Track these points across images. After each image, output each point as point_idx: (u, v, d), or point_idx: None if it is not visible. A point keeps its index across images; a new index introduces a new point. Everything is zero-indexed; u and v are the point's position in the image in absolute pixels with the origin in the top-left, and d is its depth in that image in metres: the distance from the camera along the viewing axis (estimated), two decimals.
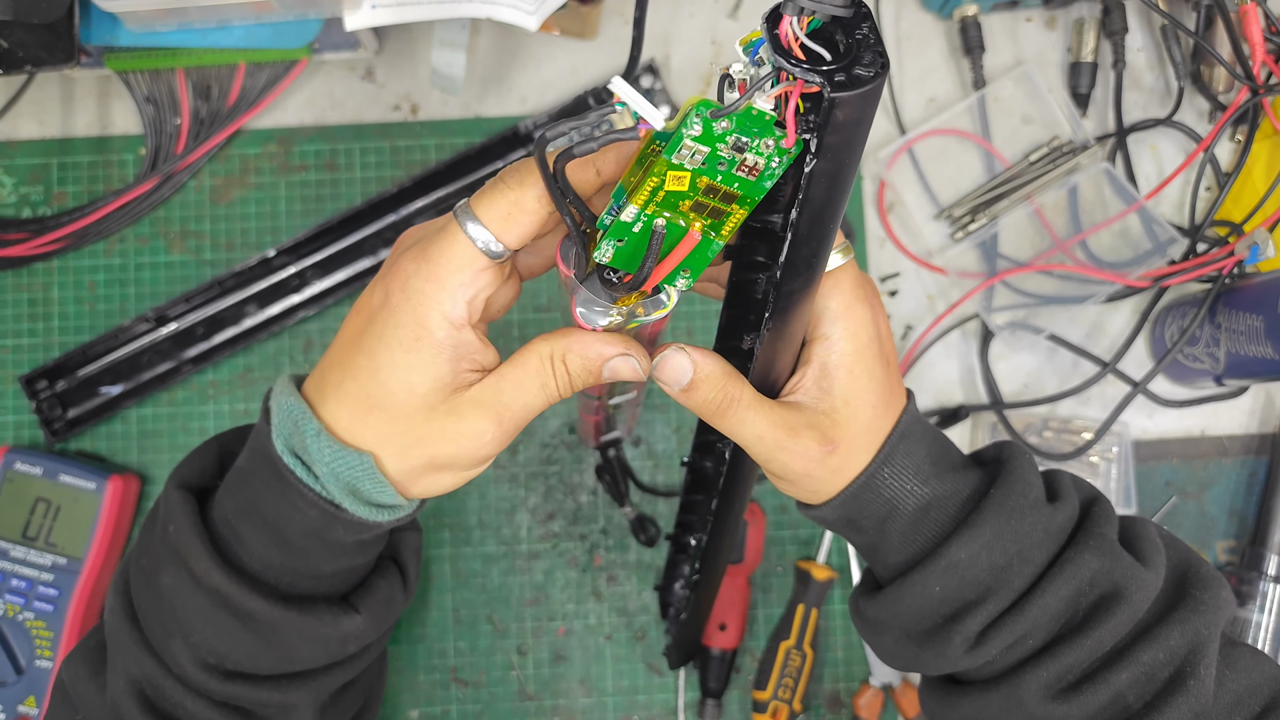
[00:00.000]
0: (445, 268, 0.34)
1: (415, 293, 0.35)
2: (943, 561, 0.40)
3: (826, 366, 0.40)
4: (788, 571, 0.72)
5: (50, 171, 0.73)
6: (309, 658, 0.41)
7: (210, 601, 0.38)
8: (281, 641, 0.39)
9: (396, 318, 0.35)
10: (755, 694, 0.70)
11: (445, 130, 0.74)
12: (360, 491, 0.37)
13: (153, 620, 0.40)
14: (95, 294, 0.72)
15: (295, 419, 0.37)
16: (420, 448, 0.36)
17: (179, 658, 0.39)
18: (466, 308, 0.35)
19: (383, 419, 0.36)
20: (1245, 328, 0.64)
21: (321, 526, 0.38)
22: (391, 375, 0.35)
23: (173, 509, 0.39)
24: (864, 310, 0.40)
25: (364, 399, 0.36)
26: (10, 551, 0.67)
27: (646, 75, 0.74)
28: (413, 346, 0.35)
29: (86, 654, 0.43)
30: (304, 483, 0.37)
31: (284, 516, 0.38)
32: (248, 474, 0.39)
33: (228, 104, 0.72)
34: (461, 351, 0.35)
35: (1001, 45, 0.76)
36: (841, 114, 0.29)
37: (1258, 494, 0.73)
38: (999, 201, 0.73)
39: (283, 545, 0.39)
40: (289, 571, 0.39)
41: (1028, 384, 0.74)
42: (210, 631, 0.39)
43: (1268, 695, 0.41)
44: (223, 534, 0.39)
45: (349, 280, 0.72)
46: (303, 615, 0.39)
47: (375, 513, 0.38)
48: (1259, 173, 0.72)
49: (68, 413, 0.71)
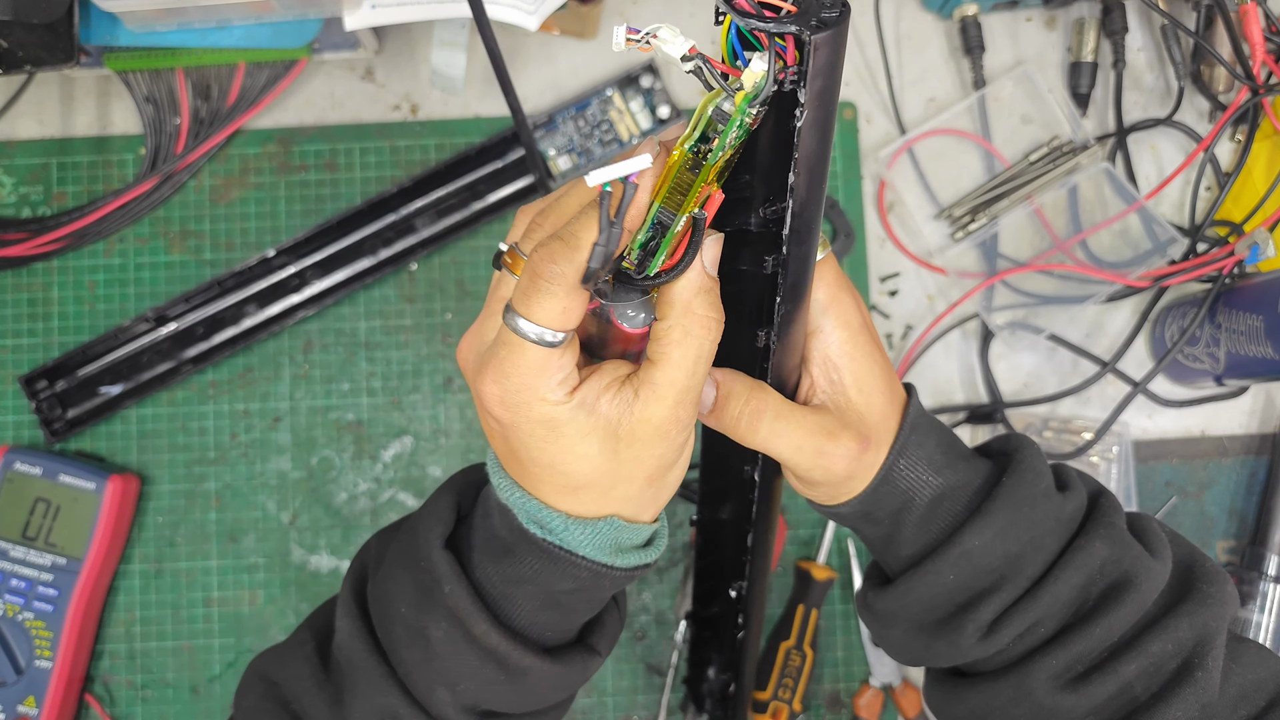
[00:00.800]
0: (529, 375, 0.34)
1: (519, 406, 0.35)
2: (957, 550, 0.40)
3: (828, 358, 0.40)
4: (788, 572, 0.72)
5: (50, 171, 0.73)
6: (555, 698, 0.43)
7: (481, 659, 0.39)
8: (539, 690, 0.41)
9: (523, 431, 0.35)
10: (755, 694, 0.70)
11: (445, 130, 0.74)
12: (622, 544, 0.38)
13: (414, 667, 0.40)
14: (95, 294, 0.72)
15: (535, 514, 0.37)
16: (633, 482, 0.37)
17: (442, 702, 0.40)
18: (566, 383, 0.35)
19: (588, 492, 0.37)
20: (1245, 328, 0.64)
21: (590, 584, 0.38)
22: (565, 463, 0.36)
23: (444, 572, 0.39)
24: (849, 298, 0.41)
25: (566, 489, 0.36)
26: (10, 551, 0.67)
27: (646, 75, 0.74)
28: (553, 438, 0.35)
29: (308, 660, 0.43)
30: (575, 553, 0.37)
31: (555, 582, 0.38)
32: (512, 547, 0.39)
33: (227, 104, 0.72)
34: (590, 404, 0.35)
35: (1001, 45, 0.76)
36: (823, 55, 0.30)
37: (1258, 494, 0.73)
38: (999, 201, 0.73)
39: (553, 605, 0.39)
40: (550, 628, 0.40)
41: (1028, 384, 0.74)
42: (476, 684, 0.40)
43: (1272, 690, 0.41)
44: (494, 596, 0.39)
45: (349, 280, 0.72)
46: (563, 666, 0.40)
47: (640, 555, 0.39)
48: (1259, 173, 0.72)
49: (67, 413, 0.71)
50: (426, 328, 0.73)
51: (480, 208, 0.73)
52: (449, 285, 0.73)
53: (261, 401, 0.72)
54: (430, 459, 0.72)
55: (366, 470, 0.72)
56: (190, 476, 0.72)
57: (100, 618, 0.70)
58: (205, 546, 0.71)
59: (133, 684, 0.70)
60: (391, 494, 0.72)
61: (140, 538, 0.71)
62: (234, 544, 0.71)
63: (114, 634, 0.70)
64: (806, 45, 0.30)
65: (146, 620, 0.71)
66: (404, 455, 0.72)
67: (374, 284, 0.72)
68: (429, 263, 0.73)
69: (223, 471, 0.72)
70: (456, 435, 0.73)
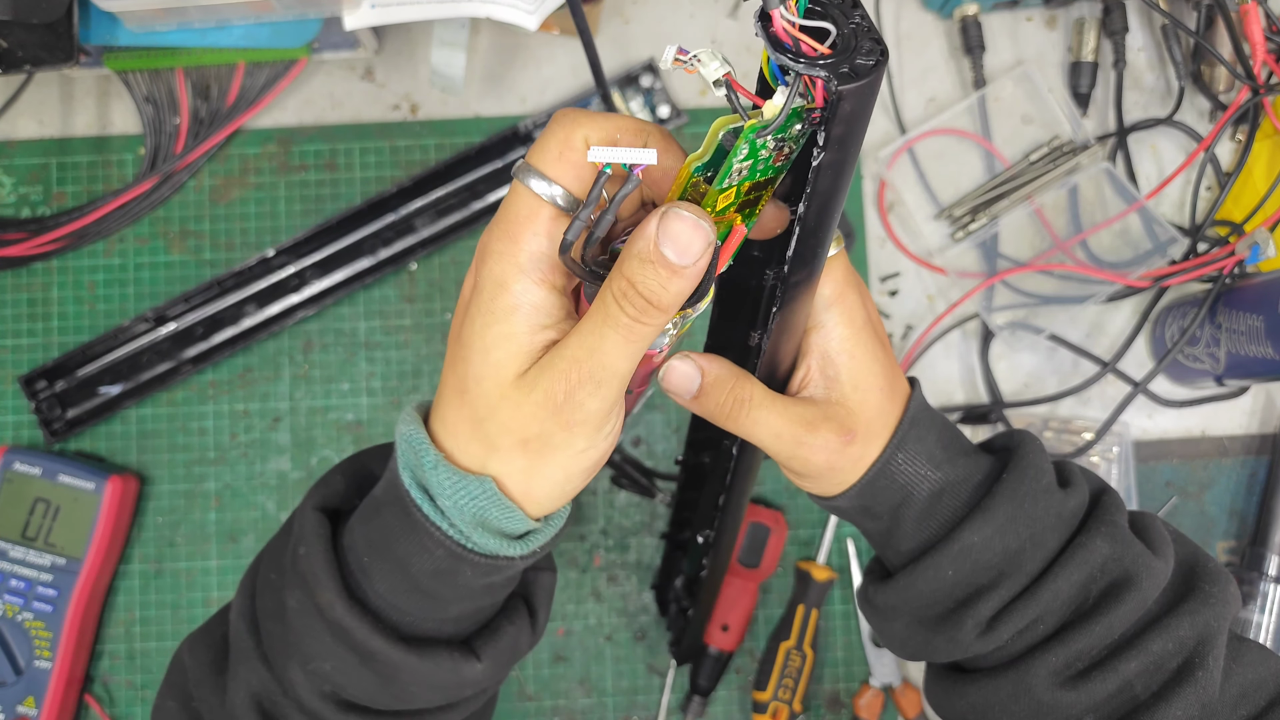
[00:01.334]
0: (514, 221, 0.33)
1: (492, 255, 0.34)
2: (956, 545, 0.40)
3: (827, 353, 0.40)
4: (788, 572, 0.72)
5: (49, 171, 0.73)
6: (425, 699, 0.39)
7: (332, 634, 0.37)
8: (400, 683, 0.38)
9: (479, 286, 0.34)
10: (755, 695, 0.70)
11: (445, 130, 0.74)
12: (488, 520, 0.35)
13: (274, 638, 0.38)
14: (94, 294, 0.72)
15: (415, 448, 0.35)
16: (508, 433, 0.34)
17: (296, 683, 0.38)
18: (543, 262, 0.33)
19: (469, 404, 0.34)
20: (1245, 328, 0.64)
21: (449, 568, 0.36)
22: (472, 345, 0.34)
23: (306, 531, 0.38)
24: (855, 295, 0.40)
25: (458, 388, 0.35)
26: (9, 552, 0.67)
27: (646, 75, 0.74)
28: (489, 308, 0.33)
29: (211, 644, 0.42)
30: (430, 520, 0.35)
31: (412, 556, 0.36)
32: (380, 505, 0.37)
33: (227, 103, 0.72)
34: (540, 315, 0.34)
35: (1002, 45, 0.76)
36: (848, 105, 0.30)
37: (1258, 494, 0.73)
38: (999, 201, 0.73)
39: (410, 588, 0.37)
40: (412, 613, 0.38)
41: (1028, 384, 0.74)
42: (329, 663, 0.37)
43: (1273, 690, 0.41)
44: (351, 565, 0.37)
45: (348, 280, 0.72)
46: (423, 659, 0.37)
47: (505, 545, 0.36)
48: (1259, 172, 0.72)
49: (67, 413, 0.71)
50: (426, 328, 0.73)
51: (480, 208, 0.73)
52: (449, 285, 0.73)
53: (261, 401, 0.72)
54: None
55: None
56: (190, 477, 0.71)
57: (100, 618, 0.70)
58: (205, 547, 0.71)
59: (132, 684, 0.70)
60: None
61: (140, 538, 0.71)
62: (234, 544, 0.71)
63: (114, 634, 0.70)
64: (831, 95, 0.29)
65: (146, 620, 0.71)
66: None
67: (374, 284, 0.72)
68: (429, 263, 0.73)
69: (222, 472, 0.72)
70: None
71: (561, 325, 0.34)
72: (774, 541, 0.70)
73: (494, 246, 0.34)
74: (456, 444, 0.35)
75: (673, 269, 0.31)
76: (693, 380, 0.39)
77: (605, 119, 0.34)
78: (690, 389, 0.39)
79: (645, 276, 0.32)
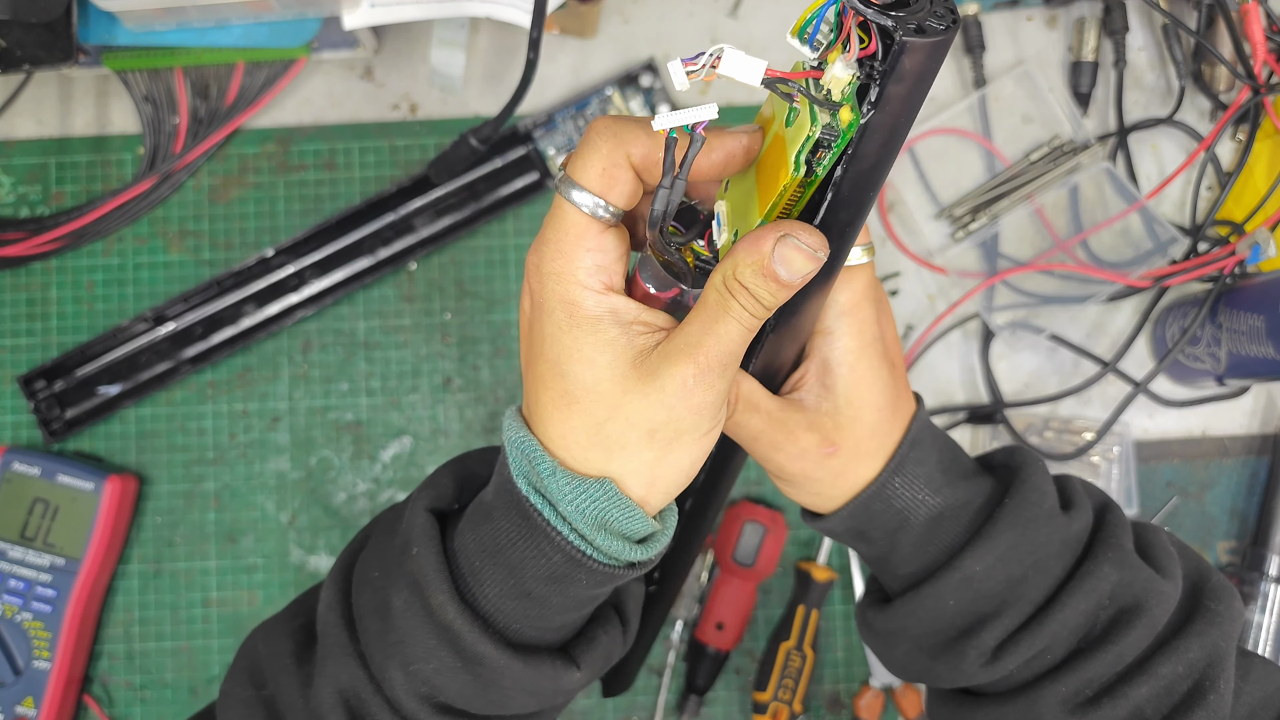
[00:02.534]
0: (565, 241, 0.34)
1: (550, 276, 0.34)
2: (957, 574, 0.39)
3: (829, 362, 0.39)
4: (788, 572, 0.72)
5: (48, 171, 0.73)
6: (522, 705, 0.39)
7: (439, 636, 0.37)
8: (500, 689, 0.38)
9: (547, 308, 0.34)
10: (755, 695, 0.69)
11: (444, 129, 0.74)
12: (610, 522, 0.35)
13: (374, 638, 0.38)
14: (93, 294, 0.72)
15: (529, 456, 0.35)
16: (634, 427, 0.34)
17: (395, 683, 0.38)
18: (604, 273, 0.34)
19: (582, 412, 0.35)
20: (1246, 327, 0.64)
21: (564, 574, 0.36)
22: (570, 362, 0.34)
23: (418, 533, 0.38)
24: (870, 309, 0.39)
25: (563, 401, 0.35)
26: (8, 552, 0.67)
27: (646, 74, 0.74)
28: (571, 325, 0.34)
29: (290, 634, 0.42)
30: (550, 524, 0.35)
31: (528, 561, 0.36)
32: (492, 510, 0.37)
33: (226, 103, 0.72)
34: (622, 315, 0.34)
35: (1002, 44, 0.76)
36: (909, 61, 0.28)
37: (1259, 494, 0.73)
38: (999, 201, 0.73)
39: (521, 594, 0.37)
40: (519, 620, 0.38)
41: (1029, 384, 0.74)
42: (432, 665, 0.37)
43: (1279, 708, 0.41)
44: (463, 569, 0.37)
45: (348, 280, 0.72)
46: (527, 666, 0.37)
47: (628, 549, 0.36)
48: (1260, 172, 0.72)
49: (66, 413, 0.70)
50: (425, 328, 0.73)
51: (479, 208, 0.72)
52: (448, 285, 0.73)
53: (260, 402, 0.72)
54: (429, 459, 0.72)
55: (365, 471, 0.72)
56: (189, 477, 0.71)
57: (99, 618, 0.70)
58: (204, 547, 0.71)
59: (131, 685, 0.70)
60: (390, 494, 0.72)
61: (139, 538, 0.71)
62: (233, 544, 0.71)
63: (113, 634, 0.70)
64: (894, 45, 0.28)
65: (145, 621, 0.70)
66: (403, 456, 0.72)
67: (373, 284, 0.72)
68: (428, 262, 0.73)
69: (221, 472, 0.72)
70: (456, 435, 0.72)
71: (643, 318, 0.35)
72: (771, 541, 0.69)
73: (549, 268, 0.34)
74: (571, 454, 0.35)
75: (782, 284, 0.33)
76: None
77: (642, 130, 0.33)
78: None
79: (758, 285, 0.33)
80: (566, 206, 0.34)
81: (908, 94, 0.29)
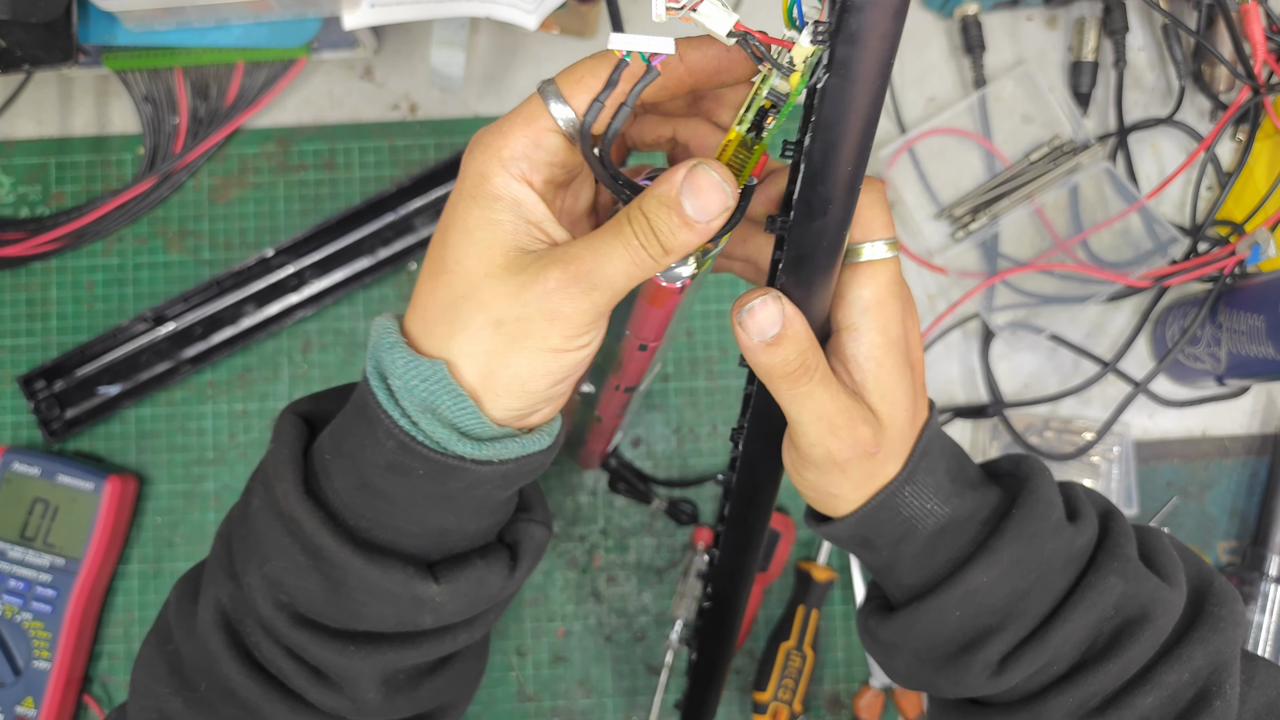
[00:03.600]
0: (509, 121, 0.34)
1: (479, 146, 0.34)
2: (961, 588, 0.39)
3: (856, 359, 0.38)
4: (788, 573, 0.72)
5: (48, 171, 0.73)
6: (376, 617, 0.37)
7: (285, 529, 0.36)
8: (349, 590, 0.36)
9: (462, 174, 0.34)
10: (755, 695, 0.69)
11: (444, 129, 0.74)
12: (438, 409, 0.34)
13: (238, 543, 0.38)
14: (93, 294, 0.72)
15: (379, 332, 0.35)
16: (482, 310, 0.33)
17: (254, 589, 0.37)
18: (525, 162, 0.34)
19: (445, 284, 0.34)
20: (1246, 327, 0.64)
21: (399, 463, 0.35)
22: (452, 230, 0.34)
23: (278, 431, 0.37)
24: (896, 306, 0.38)
25: (433, 269, 0.34)
26: (8, 552, 0.67)
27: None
28: (471, 194, 0.34)
29: (191, 578, 0.42)
30: (382, 407, 0.34)
31: (365, 448, 0.35)
32: (349, 404, 0.37)
33: (226, 103, 0.72)
34: (522, 210, 0.34)
35: (1002, 44, 0.76)
36: (855, 21, 0.28)
37: (1259, 494, 0.73)
38: (999, 201, 0.73)
39: (362, 484, 0.36)
40: (368, 517, 0.36)
41: (1028, 384, 0.74)
42: (283, 564, 0.36)
43: None
44: (315, 466, 0.37)
45: (348, 280, 0.71)
46: (371, 564, 0.36)
47: (456, 440, 0.34)
48: (1260, 172, 0.72)
49: (66, 413, 0.70)
50: None
51: None
52: None
53: (260, 402, 0.72)
54: None
55: None
56: (189, 477, 0.71)
57: (99, 618, 0.70)
58: (204, 547, 0.71)
59: None
60: None
61: (139, 538, 0.71)
62: None
63: (113, 635, 0.70)
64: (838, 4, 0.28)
65: (145, 621, 0.70)
66: None
67: (373, 284, 0.72)
68: None
69: (221, 472, 0.71)
70: None
71: (543, 225, 0.34)
72: (782, 546, 0.70)
73: (483, 139, 0.34)
74: (423, 327, 0.35)
75: (686, 221, 0.32)
76: (774, 324, 0.36)
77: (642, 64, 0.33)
78: (768, 332, 0.36)
79: (660, 218, 0.32)
80: (534, 99, 0.34)
81: (862, 56, 0.29)
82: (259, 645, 0.38)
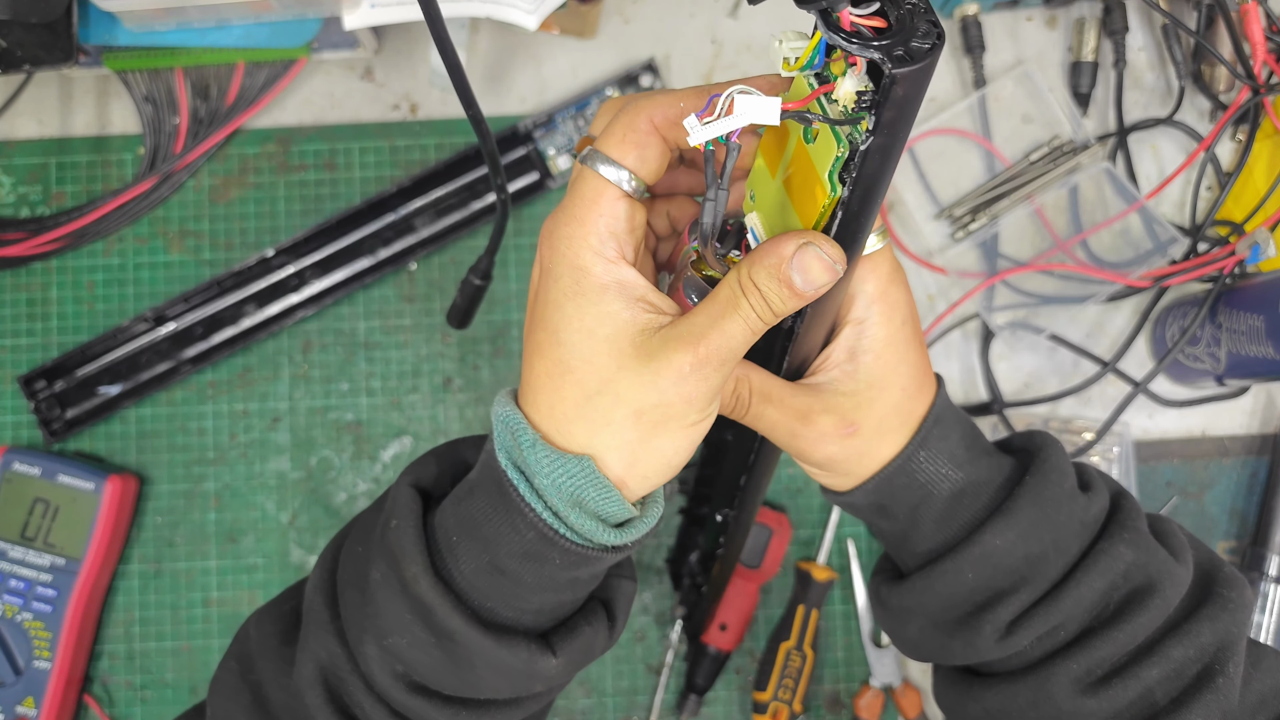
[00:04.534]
0: (581, 206, 0.34)
1: (561, 240, 0.34)
2: (977, 549, 0.40)
3: (856, 350, 0.40)
4: (788, 572, 0.72)
5: (49, 171, 0.73)
6: (494, 689, 0.38)
7: (412, 609, 0.37)
8: (472, 667, 0.37)
9: (555, 273, 0.34)
10: (755, 695, 0.70)
11: (445, 130, 0.74)
12: (585, 501, 0.35)
13: (353, 610, 0.38)
14: (94, 294, 0.72)
15: (512, 429, 0.35)
16: (621, 404, 0.34)
17: (369, 657, 0.38)
18: (615, 241, 0.34)
19: (575, 382, 0.34)
20: (1246, 327, 0.64)
21: (537, 552, 0.36)
22: (568, 329, 0.34)
23: (399, 507, 0.38)
24: (899, 293, 0.40)
25: (556, 370, 0.35)
26: (8, 552, 0.67)
27: (646, 74, 0.74)
28: (576, 292, 0.34)
29: (279, 617, 0.42)
30: (524, 499, 0.35)
31: (502, 536, 0.36)
32: (475, 486, 0.37)
33: (226, 103, 0.72)
34: (630, 290, 0.34)
35: (1002, 44, 0.76)
36: (901, 89, 0.29)
37: (1258, 494, 0.73)
38: (999, 201, 0.73)
39: (495, 570, 0.36)
40: (494, 598, 0.37)
41: (1028, 384, 0.74)
42: (405, 640, 0.37)
43: None
44: (440, 545, 0.37)
45: (348, 280, 0.72)
46: (499, 646, 0.37)
47: (601, 530, 0.36)
48: (1260, 172, 0.72)
49: (66, 413, 0.70)
50: (426, 328, 0.73)
51: (480, 207, 0.72)
52: (448, 285, 0.73)
53: (260, 402, 0.72)
54: None
55: (366, 470, 0.72)
56: (189, 477, 0.71)
57: (99, 618, 0.70)
58: (204, 547, 0.71)
59: (132, 685, 0.70)
60: None
61: (139, 538, 0.71)
62: (233, 544, 0.71)
63: (113, 634, 0.70)
64: (884, 78, 0.29)
65: (145, 621, 0.70)
66: (403, 455, 0.72)
67: (373, 284, 0.72)
68: (428, 262, 0.73)
69: (222, 472, 0.72)
70: (456, 435, 0.72)
71: (648, 297, 0.35)
72: (776, 543, 0.69)
73: (561, 232, 0.34)
74: (556, 425, 0.35)
75: (795, 292, 0.33)
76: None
77: (662, 96, 0.34)
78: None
79: (771, 291, 0.33)
80: (587, 173, 0.34)
81: (901, 115, 0.30)
82: (362, 705, 0.39)
